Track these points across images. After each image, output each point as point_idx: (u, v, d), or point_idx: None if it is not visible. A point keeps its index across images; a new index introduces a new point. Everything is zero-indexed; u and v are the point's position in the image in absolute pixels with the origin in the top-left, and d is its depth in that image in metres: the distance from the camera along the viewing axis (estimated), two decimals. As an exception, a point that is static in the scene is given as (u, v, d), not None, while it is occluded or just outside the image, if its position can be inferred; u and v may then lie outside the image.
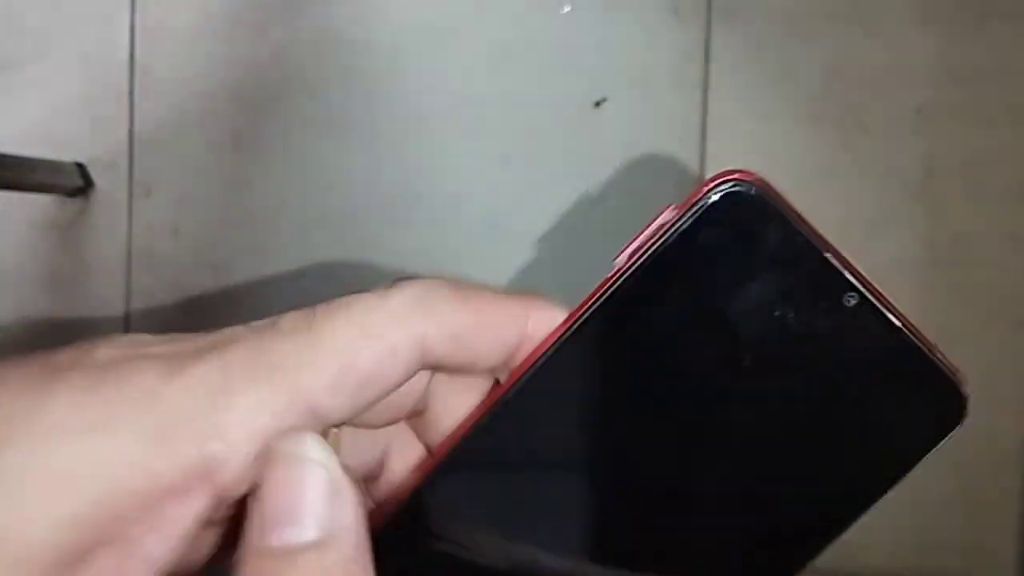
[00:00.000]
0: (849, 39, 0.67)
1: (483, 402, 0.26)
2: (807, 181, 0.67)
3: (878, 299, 0.27)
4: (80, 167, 0.72)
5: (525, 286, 0.68)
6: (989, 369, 0.67)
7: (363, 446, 0.26)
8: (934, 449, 0.27)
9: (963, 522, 0.68)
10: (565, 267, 0.68)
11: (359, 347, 0.22)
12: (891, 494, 0.27)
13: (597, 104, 0.68)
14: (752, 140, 0.68)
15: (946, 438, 0.26)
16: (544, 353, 0.25)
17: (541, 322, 0.25)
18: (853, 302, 0.27)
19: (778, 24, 0.67)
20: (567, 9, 0.68)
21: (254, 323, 0.22)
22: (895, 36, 0.67)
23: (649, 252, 0.27)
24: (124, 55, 0.72)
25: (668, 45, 0.68)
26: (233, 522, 0.23)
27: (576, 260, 0.68)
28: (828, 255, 0.27)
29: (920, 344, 0.27)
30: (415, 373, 0.23)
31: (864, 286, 0.27)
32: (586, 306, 0.26)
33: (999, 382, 0.68)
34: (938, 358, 0.27)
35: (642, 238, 0.27)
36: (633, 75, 0.68)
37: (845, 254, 0.27)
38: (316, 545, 0.20)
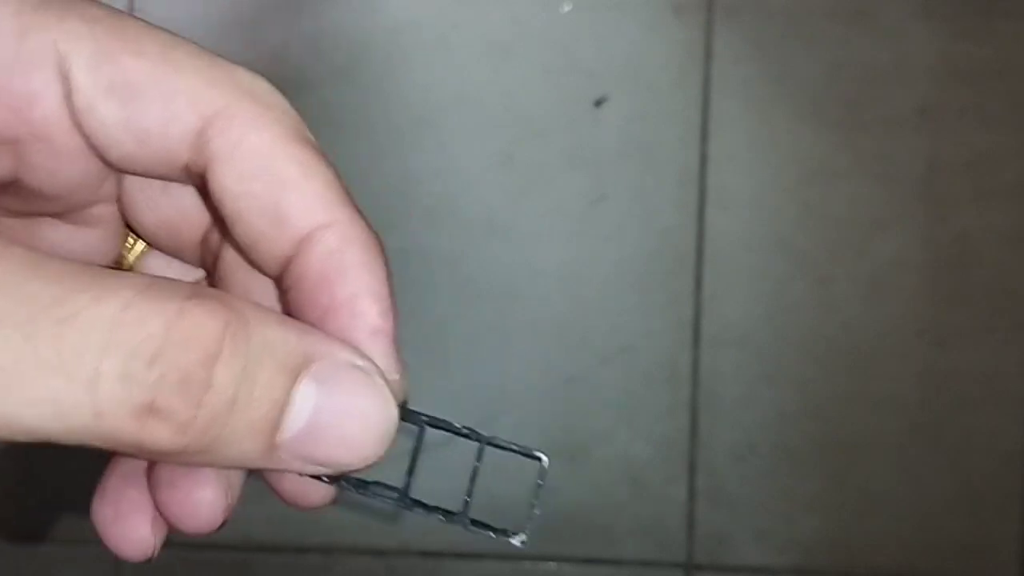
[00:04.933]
0: (850, 37, 0.67)
1: None
2: (808, 180, 0.67)
3: None
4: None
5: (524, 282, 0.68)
6: (989, 369, 0.67)
7: (168, 269, 0.21)
8: None
9: (964, 522, 0.68)
10: (565, 267, 0.68)
11: None
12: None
13: (597, 103, 0.68)
14: (753, 139, 0.68)
15: None
16: None
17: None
18: None
19: (779, 23, 0.67)
20: (567, 8, 0.68)
21: None
22: (897, 34, 0.67)
23: None
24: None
25: (669, 44, 0.68)
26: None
27: (576, 260, 0.68)
28: None
29: None
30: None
31: None
32: None
33: (999, 382, 0.67)
34: None
35: None
36: (634, 74, 0.68)
37: None
38: None
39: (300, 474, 0.17)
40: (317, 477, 0.18)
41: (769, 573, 0.68)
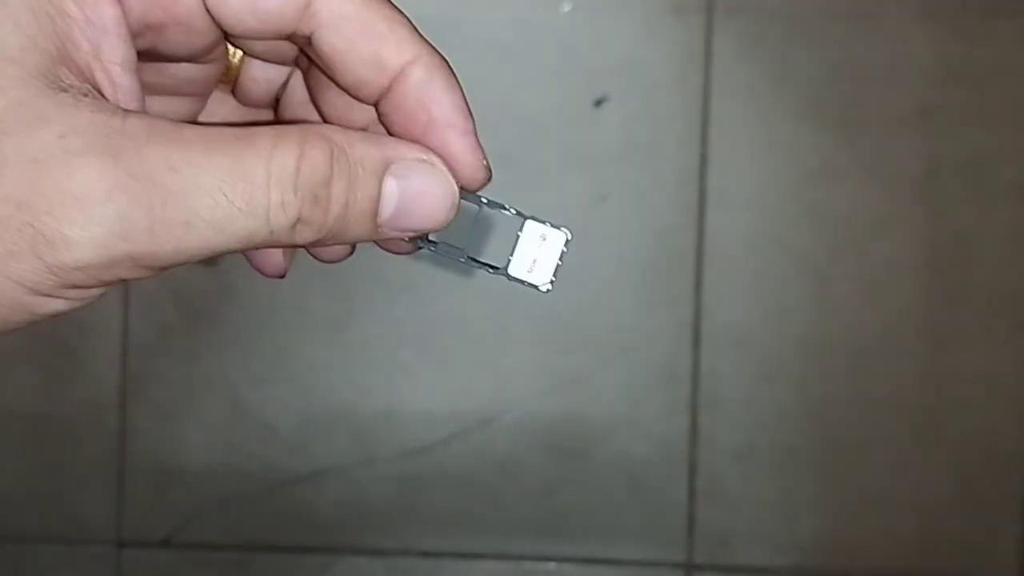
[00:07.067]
0: (851, 38, 0.67)
1: None
2: (808, 180, 0.67)
3: None
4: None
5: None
6: (989, 369, 0.67)
7: (264, 73, 0.28)
8: None
9: (963, 522, 0.68)
10: (565, 267, 0.68)
11: None
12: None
13: (597, 103, 0.68)
14: (753, 139, 0.68)
15: None
16: None
17: None
18: None
19: (779, 23, 0.67)
20: (567, 8, 0.68)
21: None
22: (897, 35, 0.67)
23: None
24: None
25: (669, 44, 0.68)
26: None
27: (576, 260, 0.68)
28: None
29: None
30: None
31: None
32: None
33: (999, 382, 0.67)
34: None
35: None
36: (634, 74, 0.68)
37: None
38: None
39: (400, 240, 0.25)
40: (412, 240, 0.25)
41: (769, 573, 0.68)
